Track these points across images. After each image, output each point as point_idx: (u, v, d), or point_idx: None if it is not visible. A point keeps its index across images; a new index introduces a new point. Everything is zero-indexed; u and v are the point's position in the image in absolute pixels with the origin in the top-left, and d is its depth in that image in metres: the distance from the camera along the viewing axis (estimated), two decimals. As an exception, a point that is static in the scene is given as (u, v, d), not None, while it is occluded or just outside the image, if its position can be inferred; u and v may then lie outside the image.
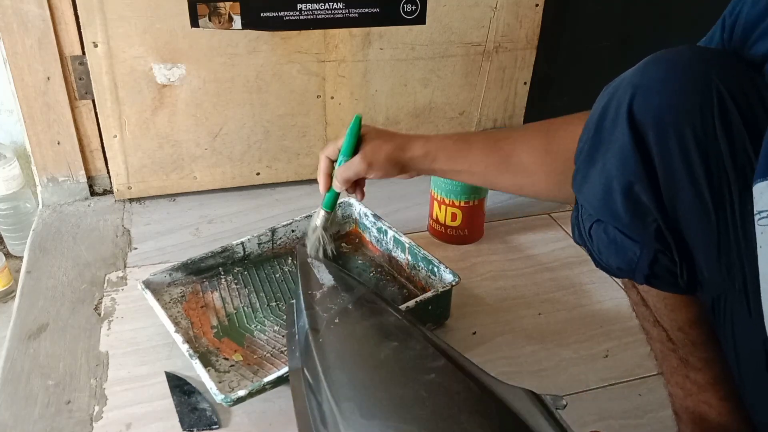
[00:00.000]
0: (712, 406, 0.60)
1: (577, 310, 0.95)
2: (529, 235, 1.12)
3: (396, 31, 1.17)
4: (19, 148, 1.29)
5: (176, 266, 0.90)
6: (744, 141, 0.47)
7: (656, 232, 0.52)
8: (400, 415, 0.58)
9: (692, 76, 0.48)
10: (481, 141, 0.74)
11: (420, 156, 0.75)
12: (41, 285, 0.97)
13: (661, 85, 0.49)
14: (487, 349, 0.86)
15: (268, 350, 0.81)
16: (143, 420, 0.74)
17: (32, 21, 1.01)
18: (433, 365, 0.63)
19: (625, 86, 0.50)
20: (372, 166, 0.76)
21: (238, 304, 0.89)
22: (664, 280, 0.56)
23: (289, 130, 1.21)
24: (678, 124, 0.48)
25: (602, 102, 0.53)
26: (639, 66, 0.51)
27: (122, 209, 1.18)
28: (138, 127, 1.13)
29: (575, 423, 0.74)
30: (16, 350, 0.84)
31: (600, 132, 0.53)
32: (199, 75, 1.11)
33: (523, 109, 1.35)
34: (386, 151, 0.75)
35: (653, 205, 0.51)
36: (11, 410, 0.75)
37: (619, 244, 0.55)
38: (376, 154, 0.75)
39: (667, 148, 0.48)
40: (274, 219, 1.12)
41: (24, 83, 1.05)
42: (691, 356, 0.60)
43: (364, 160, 0.76)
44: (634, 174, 0.50)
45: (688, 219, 0.50)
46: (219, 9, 1.06)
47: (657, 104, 0.49)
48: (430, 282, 0.90)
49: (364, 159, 0.76)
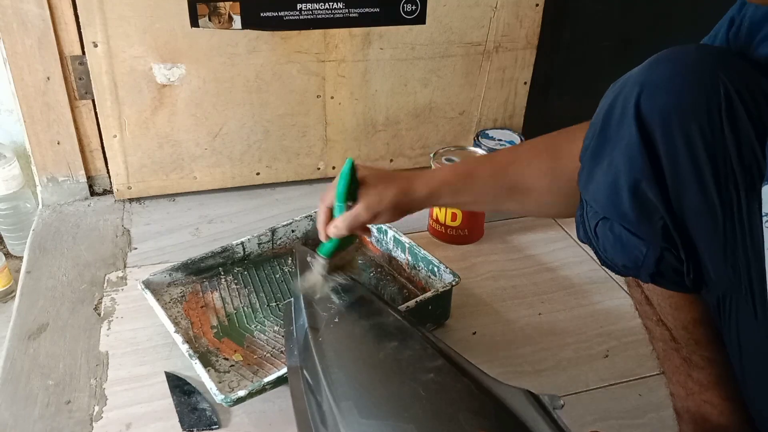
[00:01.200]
0: (714, 405, 0.60)
1: (577, 310, 0.95)
2: (529, 235, 1.12)
3: (396, 31, 1.17)
4: (19, 148, 1.29)
5: (176, 266, 0.90)
6: (751, 140, 0.47)
7: (663, 230, 0.52)
8: (398, 414, 0.58)
9: (699, 74, 0.48)
10: (486, 170, 0.71)
11: (424, 197, 0.72)
12: (41, 285, 0.97)
13: (668, 83, 0.49)
14: (487, 349, 0.86)
15: (268, 350, 0.81)
16: (143, 420, 0.74)
17: (32, 21, 1.01)
18: (431, 365, 0.63)
19: (631, 84, 0.50)
20: (377, 217, 0.72)
21: (238, 304, 0.89)
22: (670, 279, 0.55)
23: (289, 129, 1.21)
24: (685, 123, 0.48)
25: (608, 100, 0.53)
26: (645, 64, 0.51)
27: (122, 209, 1.18)
28: (138, 127, 1.13)
29: (575, 423, 0.74)
30: (16, 350, 0.84)
31: (606, 130, 0.53)
32: (199, 75, 1.11)
33: (523, 109, 1.35)
34: (390, 199, 0.71)
35: (660, 203, 0.50)
36: (11, 410, 0.75)
37: (625, 242, 0.55)
38: (381, 203, 0.71)
39: (674, 146, 0.48)
40: (274, 219, 1.12)
41: (24, 83, 1.05)
42: (694, 355, 0.60)
43: (369, 211, 0.72)
44: (641, 172, 0.50)
45: (695, 217, 0.50)
46: (219, 9, 1.06)
47: (664, 102, 0.48)
48: (430, 282, 0.90)
49: (369, 210, 0.72)
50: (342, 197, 0.72)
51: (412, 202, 0.72)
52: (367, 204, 0.72)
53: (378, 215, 0.72)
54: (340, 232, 0.74)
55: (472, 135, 1.32)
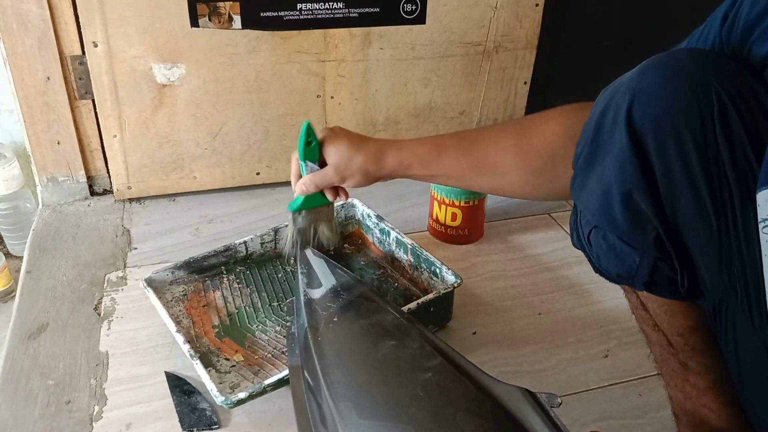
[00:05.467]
0: (712, 409, 0.60)
1: (577, 310, 0.95)
2: (529, 235, 1.12)
3: (396, 30, 1.17)
4: (19, 148, 1.29)
5: (179, 264, 0.90)
6: (745, 147, 0.46)
7: (656, 240, 0.52)
8: (396, 415, 0.58)
9: (691, 81, 0.47)
10: (454, 144, 0.73)
11: (393, 166, 0.74)
12: (41, 285, 0.97)
13: (659, 90, 0.48)
14: (486, 349, 0.86)
15: (269, 350, 0.81)
16: (143, 420, 0.74)
17: (32, 21, 1.01)
18: (429, 364, 0.63)
19: (623, 92, 0.50)
20: (346, 179, 0.76)
21: (240, 304, 0.89)
22: (664, 288, 0.55)
23: (289, 129, 1.21)
24: (677, 131, 0.47)
25: (600, 107, 0.52)
26: (636, 71, 0.50)
27: (122, 209, 1.18)
28: (138, 126, 1.13)
29: (575, 423, 0.74)
30: (16, 350, 0.84)
31: (598, 137, 0.52)
32: (199, 75, 1.11)
33: (523, 109, 1.35)
34: (359, 164, 0.74)
35: (653, 212, 0.50)
36: (11, 410, 0.75)
37: (618, 251, 0.55)
38: (350, 167, 0.75)
39: (667, 154, 0.48)
40: (274, 219, 1.12)
41: (24, 83, 1.05)
42: (690, 360, 0.60)
43: (337, 172, 0.76)
44: (634, 181, 0.50)
45: (689, 226, 0.50)
46: (219, 9, 1.06)
47: (656, 110, 0.48)
48: (432, 283, 0.90)
49: (337, 171, 0.76)
50: (302, 154, 0.77)
51: (381, 169, 0.75)
52: (336, 165, 0.76)
53: (346, 178, 0.76)
54: (308, 189, 0.79)
55: (472, 135, 1.32)
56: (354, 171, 0.75)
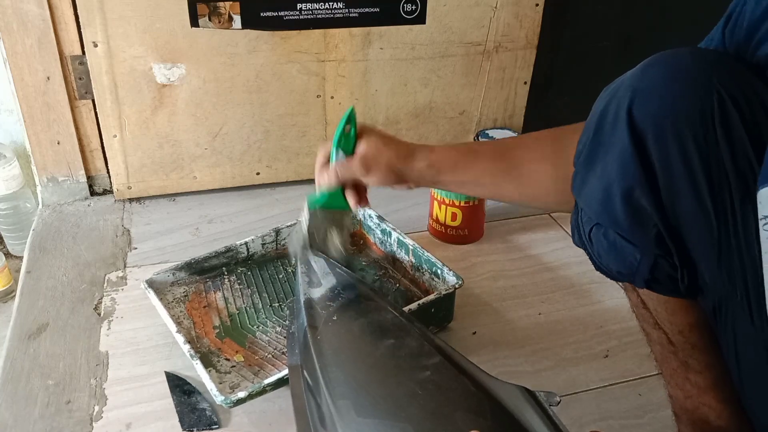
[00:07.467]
0: (713, 408, 0.60)
1: (577, 310, 0.95)
2: (529, 235, 1.12)
3: (396, 30, 1.17)
4: (19, 148, 1.29)
5: (180, 266, 0.90)
6: (745, 146, 0.46)
7: (656, 238, 0.52)
8: (395, 414, 0.58)
9: (692, 79, 0.47)
10: (489, 150, 0.71)
11: (423, 167, 0.70)
12: (41, 285, 0.97)
13: (661, 89, 0.48)
14: (487, 349, 0.86)
15: (269, 351, 0.81)
16: (143, 420, 0.74)
17: (32, 21, 1.01)
18: (428, 362, 0.63)
19: (624, 89, 0.50)
20: (370, 171, 0.71)
21: (240, 305, 0.89)
22: (665, 285, 0.55)
23: (289, 129, 1.21)
24: (678, 129, 0.47)
25: (601, 104, 0.52)
26: (638, 69, 0.50)
27: (122, 209, 1.18)
28: (138, 126, 1.13)
29: (575, 423, 0.74)
30: (16, 350, 0.84)
31: (599, 135, 0.52)
32: (199, 75, 1.11)
33: (523, 109, 1.35)
34: (387, 158, 0.70)
35: (653, 210, 0.50)
36: (11, 410, 0.75)
37: (618, 249, 0.55)
38: (377, 160, 0.70)
39: (668, 152, 0.48)
40: (274, 219, 1.12)
41: (24, 83, 1.05)
42: (691, 359, 0.60)
43: (363, 165, 0.71)
44: (634, 179, 0.50)
45: (689, 224, 0.50)
46: (219, 9, 1.06)
47: (657, 109, 0.48)
48: (433, 284, 0.90)
49: (363, 163, 0.71)
50: (336, 141, 0.71)
51: (409, 169, 0.70)
52: (362, 157, 0.70)
53: (371, 172, 0.71)
54: (332, 181, 0.73)
55: (472, 135, 1.32)
56: (380, 164, 0.70)
